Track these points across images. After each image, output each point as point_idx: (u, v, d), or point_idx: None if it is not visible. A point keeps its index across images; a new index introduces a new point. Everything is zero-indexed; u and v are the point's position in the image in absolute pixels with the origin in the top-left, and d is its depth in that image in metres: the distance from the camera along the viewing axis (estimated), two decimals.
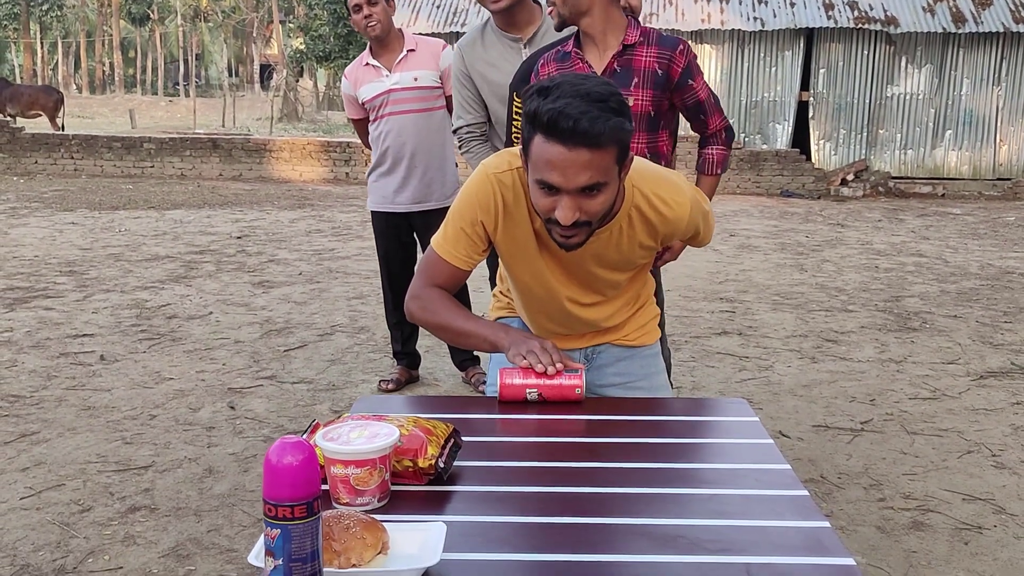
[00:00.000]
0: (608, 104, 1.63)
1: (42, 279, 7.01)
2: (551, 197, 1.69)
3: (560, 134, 1.61)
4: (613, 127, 1.63)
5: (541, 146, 1.65)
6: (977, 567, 2.85)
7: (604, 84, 1.67)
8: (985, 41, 15.00)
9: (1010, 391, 4.59)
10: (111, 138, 15.71)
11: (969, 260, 8.57)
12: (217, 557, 2.84)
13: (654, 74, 2.49)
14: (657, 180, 1.92)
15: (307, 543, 1.08)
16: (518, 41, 3.12)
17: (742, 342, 5.45)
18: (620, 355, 2.21)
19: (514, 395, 1.83)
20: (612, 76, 2.50)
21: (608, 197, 1.72)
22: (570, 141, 1.61)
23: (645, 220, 1.91)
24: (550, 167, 1.65)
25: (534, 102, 1.65)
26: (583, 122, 1.59)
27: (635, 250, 1.97)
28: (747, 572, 1.21)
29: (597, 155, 1.64)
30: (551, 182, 1.66)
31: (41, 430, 3.88)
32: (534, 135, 1.66)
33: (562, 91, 1.63)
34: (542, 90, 1.65)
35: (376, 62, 4.12)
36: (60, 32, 54.01)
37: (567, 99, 1.61)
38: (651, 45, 2.49)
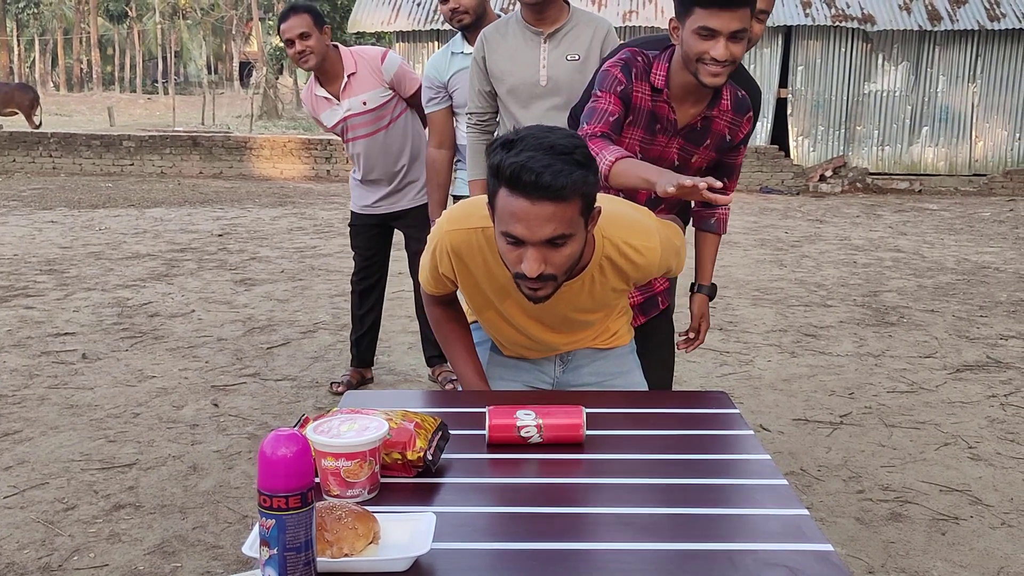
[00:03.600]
0: (573, 157, 1.64)
1: (22, 278, 6.97)
2: (517, 250, 1.70)
3: (523, 188, 1.62)
4: (576, 180, 1.63)
5: (505, 199, 1.66)
6: (954, 557, 2.91)
7: (569, 136, 1.68)
8: (960, 39, 15.15)
9: (986, 384, 4.66)
10: (90, 136, 15.60)
11: (945, 255, 8.67)
12: (203, 554, 2.86)
13: (722, 138, 2.42)
14: (627, 227, 1.93)
15: (301, 533, 1.11)
16: (539, 34, 3.15)
17: (723, 337, 5.50)
18: (594, 356, 2.23)
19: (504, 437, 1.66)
20: (690, 132, 2.37)
21: (574, 249, 1.73)
22: (533, 194, 1.62)
23: (616, 268, 1.93)
24: (514, 220, 1.66)
25: (498, 155, 1.66)
26: (546, 176, 1.60)
27: (608, 294, 2.00)
28: (729, 559, 1.25)
29: (561, 208, 1.64)
30: (516, 234, 1.67)
31: (24, 429, 3.88)
32: (499, 188, 1.67)
33: (526, 144, 1.64)
34: (507, 143, 1.66)
35: (324, 92, 4.07)
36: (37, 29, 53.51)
37: (531, 152, 1.62)
38: (729, 110, 2.38)
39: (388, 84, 4.07)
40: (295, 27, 3.89)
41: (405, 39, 16.25)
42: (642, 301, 2.60)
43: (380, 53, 4.11)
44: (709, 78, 2.18)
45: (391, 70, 4.05)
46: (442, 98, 3.70)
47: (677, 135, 2.37)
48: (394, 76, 4.06)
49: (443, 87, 3.67)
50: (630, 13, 15.41)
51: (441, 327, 2.19)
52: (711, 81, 2.18)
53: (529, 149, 1.63)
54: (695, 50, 2.15)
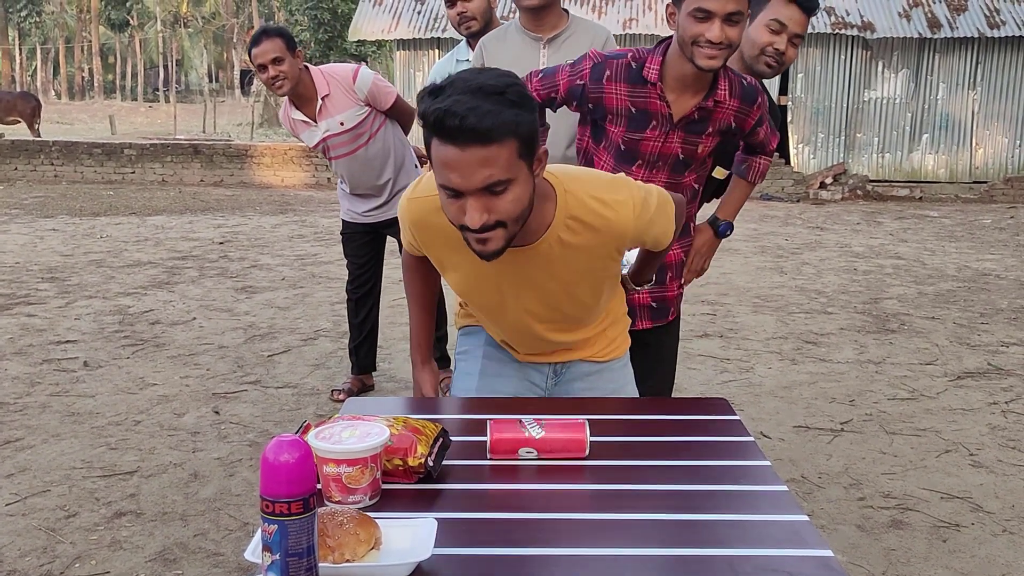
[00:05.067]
0: (505, 96, 1.54)
1: (24, 286, 6.98)
2: (457, 201, 1.60)
3: (450, 134, 1.52)
4: (506, 120, 1.53)
5: (436, 149, 1.57)
6: (955, 564, 2.91)
7: (502, 76, 1.58)
8: (960, 46, 15.17)
9: (987, 391, 4.66)
10: (91, 144, 15.62)
11: (946, 262, 8.67)
12: (204, 561, 2.86)
13: (728, 126, 2.39)
14: (592, 182, 1.83)
15: (303, 538, 1.11)
16: (539, 40, 3.17)
17: (723, 344, 5.50)
18: (589, 370, 2.15)
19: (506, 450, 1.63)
20: (687, 123, 2.34)
21: (519, 194, 1.61)
22: (460, 140, 1.52)
23: (586, 226, 1.80)
24: (447, 169, 1.56)
25: (425, 103, 1.56)
26: (470, 119, 1.50)
27: (586, 260, 1.85)
28: (729, 565, 1.25)
29: (493, 151, 1.53)
30: (452, 185, 1.58)
31: (25, 436, 3.88)
32: (430, 138, 1.57)
33: (454, 88, 1.54)
34: (434, 90, 1.57)
35: (300, 115, 4.05)
36: (39, 38, 53.65)
37: (456, 96, 1.52)
38: (733, 98, 2.35)
39: (363, 101, 4.04)
40: (268, 52, 3.82)
41: (405, 47, 16.28)
42: (652, 304, 2.54)
43: (351, 71, 4.05)
44: (705, 61, 2.18)
45: (364, 88, 4.01)
46: None
47: (675, 128, 2.34)
48: (368, 93, 4.02)
49: None
50: (630, 21, 15.44)
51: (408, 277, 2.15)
52: (707, 64, 2.19)
53: (457, 92, 1.53)
54: (690, 33, 2.16)
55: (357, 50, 28.80)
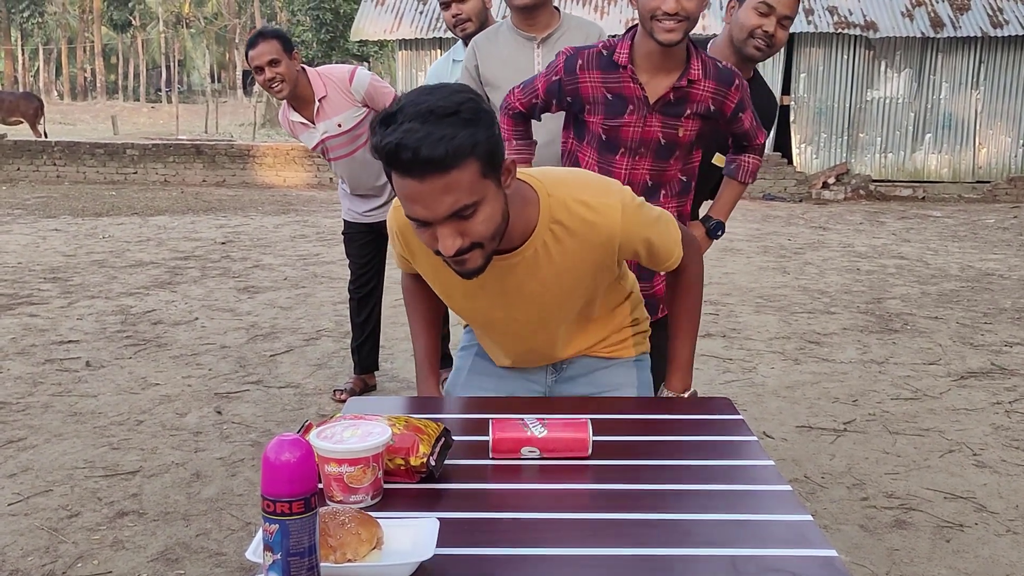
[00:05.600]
0: (459, 116, 1.46)
1: (26, 286, 6.98)
2: (428, 230, 1.54)
3: (405, 167, 1.45)
4: (462, 143, 1.45)
5: (396, 182, 1.50)
6: (959, 564, 2.90)
7: (455, 93, 1.49)
8: (963, 45, 15.16)
9: (990, 391, 4.65)
10: (94, 144, 15.64)
11: (949, 262, 8.66)
12: (206, 561, 2.86)
13: (707, 108, 2.39)
14: (579, 185, 1.75)
15: (305, 538, 1.11)
16: (532, 39, 3.15)
17: (726, 344, 5.50)
18: (594, 365, 2.06)
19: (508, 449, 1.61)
20: (665, 105, 2.35)
21: (489, 212, 1.54)
22: (417, 172, 1.45)
23: (570, 231, 1.72)
24: (410, 201, 1.50)
25: (377, 135, 1.48)
26: (423, 149, 1.42)
27: (581, 268, 1.77)
28: (732, 565, 1.24)
29: (453, 176, 1.46)
30: (418, 216, 1.52)
31: (28, 436, 3.88)
32: (388, 168, 1.50)
33: (404, 113, 1.45)
34: (385, 118, 1.48)
35: (299, 117, 4.03)
36: (41, 38, 53.71)
37: (408, 124, 1.44)
38: (708, 79, 2.37)
39: (361, 102, 4.01)
40: (264, 54, 3.81)
41: (407, 47, 16.28)
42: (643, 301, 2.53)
43: (348, 73, 4.03)
44: (664, 34, 2.23)
45: (361, 89, 3.99)
46: None
47: (652, 111, 2.36)
48: (365, 93, 4.00)
49: None
50: (632, 20, 15.42)
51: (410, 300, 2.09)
52: (665, 37, 2.23)
53: (407, 120, 1.44)
54: (647, 7, 2.21)
55: (359, 50, 28.80)
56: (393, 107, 1.49)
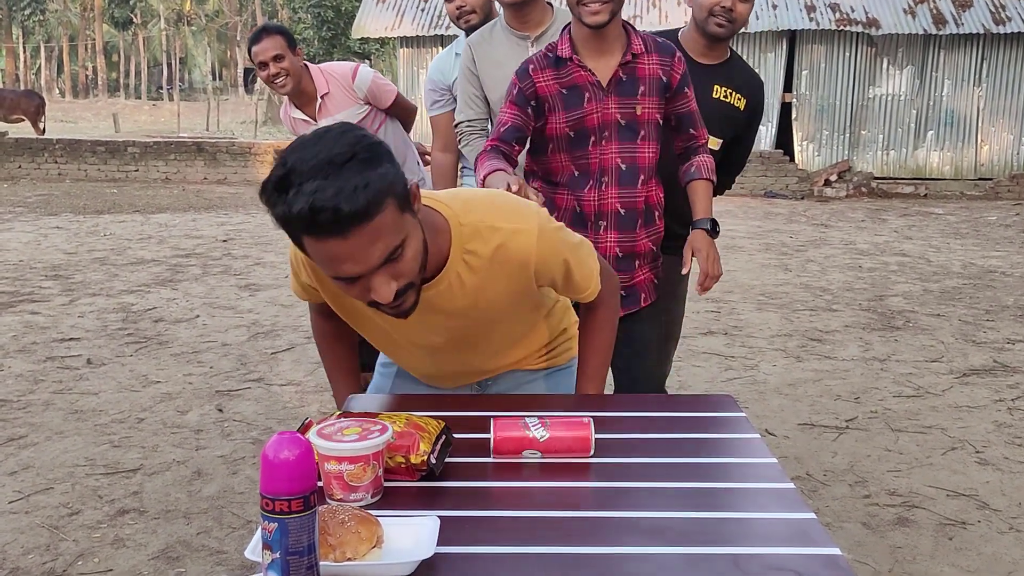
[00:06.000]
0: (359, 158, 1.36)
1: (27, 283, 6.98)
2: (358, 284, 1.46)
3: (326, 229, 1.35)
4: (376, 187, 1.36)
5: (316, 246, 1.39)
6: (961, 562, 2.89)
7: (342, 135, 1.39)
8: (965, 42, 15.13)
9: (992, 388, 4.64)
10: (95, 142, 15.64)
11: (951, 259, 8.65)
12: (207, 559, 2.85)
13: (658, 81, 2.42)
14: (490, 209, 1.66)
15: (304, 537, 1.10)
16: (526, 38, 3.10)
17: (727, 342, 5.49)
18: (521, 379, 1.99)
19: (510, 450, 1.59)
20: (618, 85, 2.39)
21: (416, 247, 1.48)
22: (339, 230, 1.35)
23: (483, 259, 1.65)
24: (338, 262, 1.40)
25: (279, 205, 1.36)
26: (343, 205, 1.32)
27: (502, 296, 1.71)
28: (735, 563, 1.24)
29: (377, 222, 1.37)
30: (348, 275, 1.43)
31: (28, 434, 3.87)
32: (300, 237, 1.40)
33: (300, 174, 1.34)
34: (279, 183, 1.36)
35: (301, 114, 3.97)
36: (42, 36, 53.70)
37: (313, 183, 1.33)
38: (651, 52, 2.42)
39: (363, 100, 3.95)
40: (268, 49, 3.76)
41: (409, 44, 16.27)
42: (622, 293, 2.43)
43: (351, 70, 3.97)
44: (590, 17, 2.28)
45: (363, 86, 3.92)
46: (446, 100, 3.64)
47: (607, 94, 2.40)
48: (368, 91, 3.93)
49: (447, 89, 3.62)
50: (634, 18, 15.41)
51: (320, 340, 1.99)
52: (592, 20, 2.29)
53: (309, 178, 1.33)
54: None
55: (361, 48, 28.77)
56: (279, 169, 1.37)
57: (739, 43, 15.36)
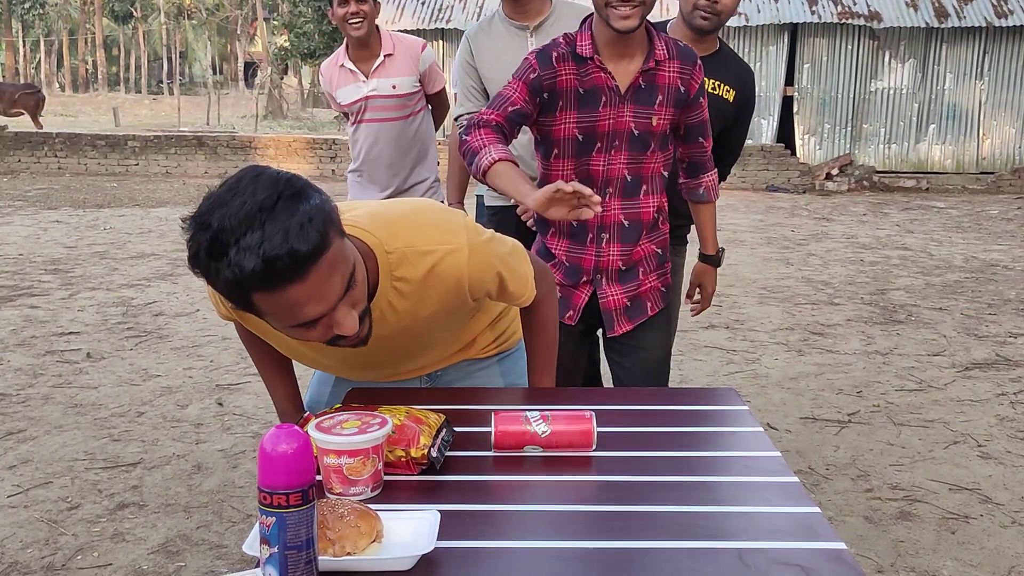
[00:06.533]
0: (285, 196, 1.29)
1: (27, 277, 6.97)
2: (318, 324, 1.38)
3: (285, 277, 1.27)
4: (320, 219, 1.30)
5: (270, 299, 1.30)
6: (964, 556, 2.88)
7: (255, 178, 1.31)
8: (968, 36, 15.08)
9: (995, 382, 4.62)
10: (95, 136, 15.61)
11: (953, 253, 8.63)
12: (207, 553, 2.84)
13: (676, 91, 2.29)
14: (415, 232, 1.60)
15: (302, 531, 1.08)
16: (525, 29, 3.06)
17: (729, 335, 5.47)
18: (469, 368, 1.95)
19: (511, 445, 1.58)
20: (636, 93, 2.26)
21: (361, 270, 1.43)
22: (299, 274, 1.27)
23: (416, 286, 1.60)
24: (298, 308, 1.33)
25: (224, 270, 1.26)
26: (299, 247, 1.25)
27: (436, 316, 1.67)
28: (739, 557, 1.22)
29: (329, 256, 1.31)
30: (311, 317, 1.35)
31: (28, 428, 3.86)
32: (251, 295, 1.30)
33: (234, 231, 1.25)
34: (212, 247, 1.26)
35: (352, 66, 3.87)
36: (42, 30, 53.62)
37: (252, 235, 1.24)
38: (673, 59, 2.28)
39: (419, 76, 3.91)
40: None
41: None
42: (627, 303, 2.42)
43: (420, 43, 3.95)
44: (619, 22, 2.13)
45: (427, 62, 3.90)
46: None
47: (624, 100, 2.26)
48: (427, 69, 3.91)
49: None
50: None
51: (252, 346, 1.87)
52: (622, 25, 2.13)
53: (242, 234, 1.24)
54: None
55: None
56: (203, 233, 1.27)
57: (740, 36, 15.34)
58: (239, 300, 1.32)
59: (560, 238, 2.41)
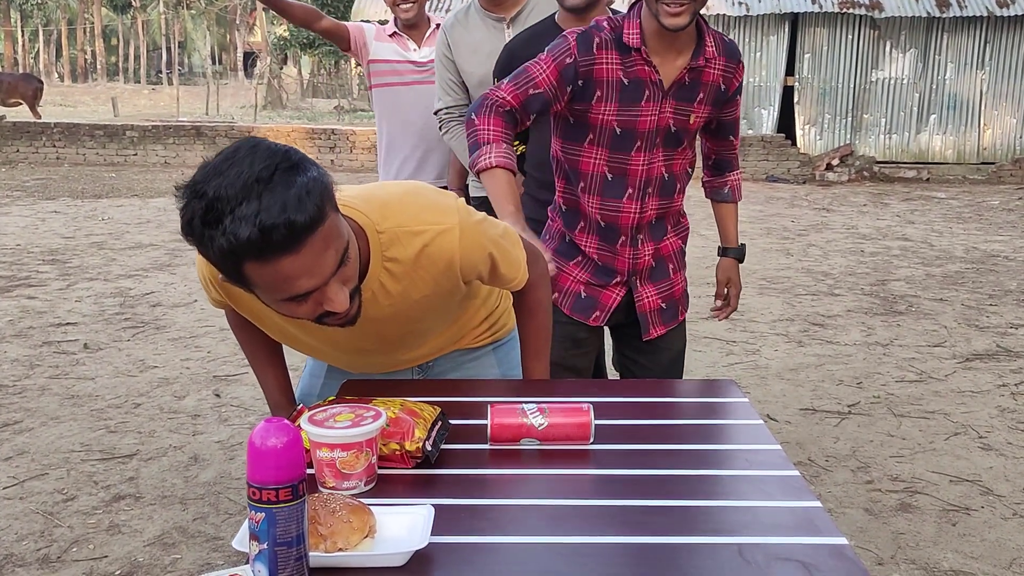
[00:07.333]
0: (282, 169, 1.27)
1: (24, 268, 6.94)
2: (309, 299, 1.37)
3: (281, 248, 1.25)
4: (317, 191, 1.29)
5: (263, 271, 1.28)
6: (965, 548, 2.86)
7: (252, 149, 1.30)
8: (969, 25, 15.02)
9: (996, 373, 4.60)
10: (93, 126, 15.56)
11: (954, 244, 8.60)
12: (203, 545, 2.82)
13: (717, 89, 2.20)
14: (407, 212, 1.58)
15: (292, 527, 1.06)
16: (501, 21, 3.01)
17: (729, 326, 5.45)
18: (461, 359, 1.93)
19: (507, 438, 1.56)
20: (678, 89, 2.16)
21: (354, 247, 1.42)
22: (294, 244, 1.26)
23: (408, 268, 1.59)
24: (292, 280, 1.31)
25: (218, 238, 1.24)
26: (296, 217, 1.24)
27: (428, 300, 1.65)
28: (739, 552, 1.20)
29: (324, 229, 1.29)
30: (303, 290, 1.33)
31: (24, 419, 3.84)
32: (244, 265, 1.28)
33: (230, 201, 1.24)
34: (208, 215, 1.25)
35: (405, 36, 3.77)
36: (41, 20, 53.46)
37: (249, 205, 1.23)
38: (720, 56, 2.18)
39: None
40: None
41: None
42: (662, 305, 2.37)
43: None
44: (669, 19, 2.01)
45: None
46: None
47: (667, 96, 2.16)
48: None
49: None
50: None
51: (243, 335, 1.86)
52: (671, 23, 2.02)
53: (238, 203, 1.23)
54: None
55: None
56: (198, 202, 1.26)
57: (741, 26, 15.28)
58: (231, 270, 1.31)
59: (589, 234, 2.30)
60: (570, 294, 2.35)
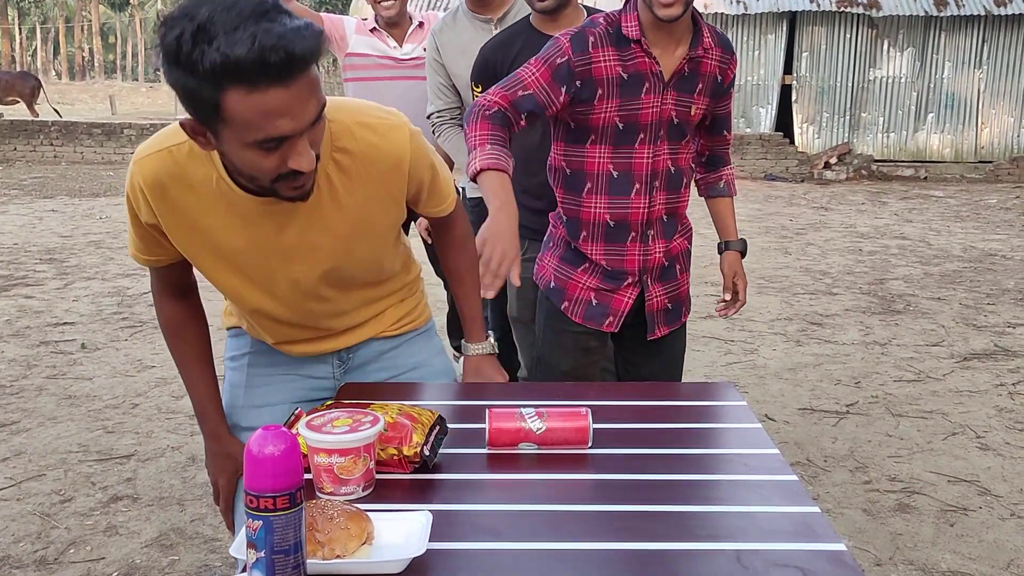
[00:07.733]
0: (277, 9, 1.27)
1: (21, 267, 6.93)
2: (278, 151, 1.33)
3: (273, 73, 1.23)
4: (312, 35, 1.27)
5: (248, 99, 1.25)
6: (963, 549, 2.86)
7: None
8: (967, 24, 15.03)
9: (994, 373, 4.60)
10: (91, 124, 15.55)
11: (952, 242, 8.60)
12: (201, 547, 2.82)
13: (714, 80, 2.23)
14: (359, 108, 1.60)
15: (290, 534, 1.06)
16: (489, 22, 3.02)
17: (727, 326, 5.45)
18: (382, 348, 1.90)
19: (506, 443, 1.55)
20: (679, 80, 2.16)
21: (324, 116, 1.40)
22: (287, 75, 1.24)
23: (355, 157, 1.56)
24: (274, 117, 1.27)
25: (208, 52, 1.21)
26: (295, 44, 1.23)
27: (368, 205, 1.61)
28: (737, 559, 1.20)
29: (312, 73, 1.29)
30: (280, 133, 1.30)
31: (21, 419, 3.84)
32: (227, 91, 1.24)
33: (224, 24, 1.21)
34: (199, 33, 1.22)
35: (386, 33, 3.84)
36: (38, 18, 53.40)
37: (246, 29, 1.21)
38: (716, 47, 2.19)
39: None
40: None
41: None
42: (668, 305, 2.36)
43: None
44: (663, 10, 2.03)
45: None
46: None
47: (667, 88, 2.16)
48: None
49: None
50: None
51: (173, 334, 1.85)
52: (664, 13, 2.03)
53: (233, 27, 1.21)
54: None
55: None
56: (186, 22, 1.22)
57: (739, 24, 15.28)
58: (209, 99, 1.26)
59: (595, 242, 2.28)
60: (580, 302, 2.31)
